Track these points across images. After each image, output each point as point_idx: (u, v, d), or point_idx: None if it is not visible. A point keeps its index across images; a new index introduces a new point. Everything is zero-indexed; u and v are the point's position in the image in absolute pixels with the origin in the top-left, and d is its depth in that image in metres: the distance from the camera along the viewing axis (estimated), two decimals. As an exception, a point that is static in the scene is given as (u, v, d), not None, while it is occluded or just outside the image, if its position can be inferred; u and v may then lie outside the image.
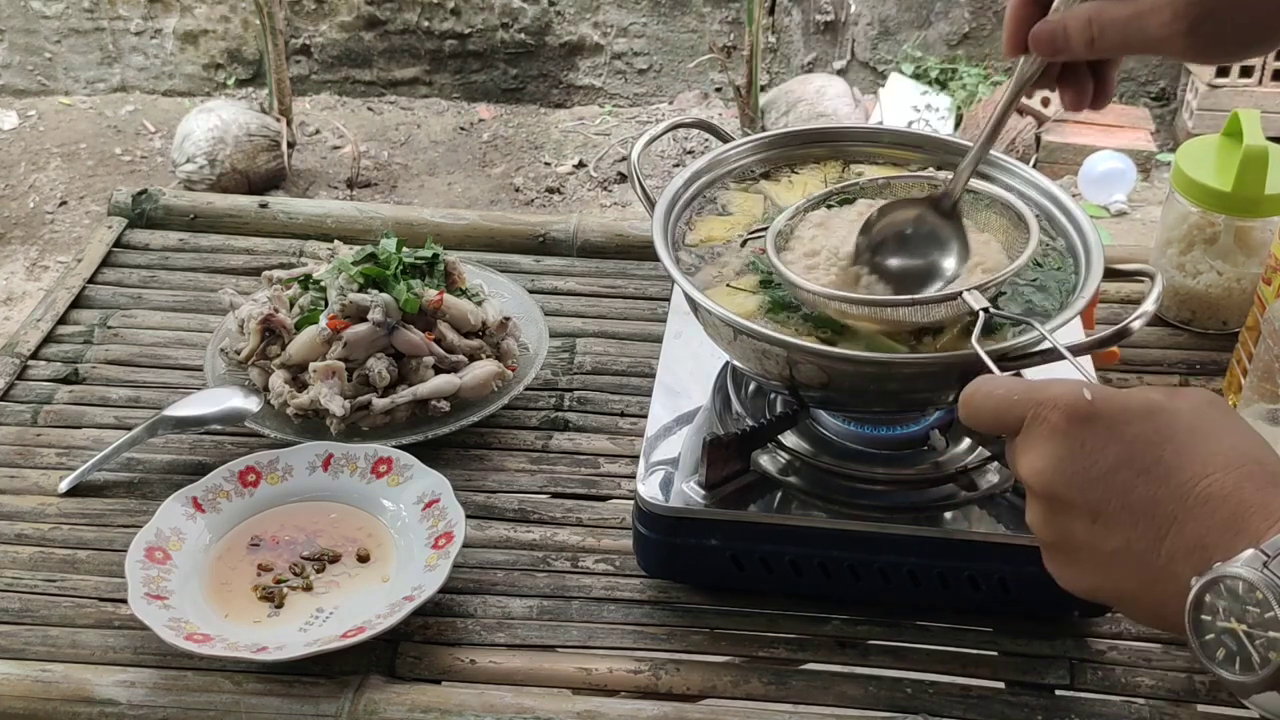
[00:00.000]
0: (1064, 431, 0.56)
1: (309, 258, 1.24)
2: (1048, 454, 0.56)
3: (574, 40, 3.63)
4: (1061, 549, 0.58)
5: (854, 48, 3.59)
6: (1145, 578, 0.54)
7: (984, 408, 0.60)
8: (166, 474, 0.99)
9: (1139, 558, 0.54)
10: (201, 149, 3.11)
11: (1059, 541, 0.58)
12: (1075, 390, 0.57)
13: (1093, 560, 0.56)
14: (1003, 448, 0.62)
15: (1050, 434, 0.56)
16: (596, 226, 1.27)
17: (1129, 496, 0.54)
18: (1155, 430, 0.55)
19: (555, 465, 1.00)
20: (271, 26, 3.12)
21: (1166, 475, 0.54)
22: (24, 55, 3.63)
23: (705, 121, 1.00)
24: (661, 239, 0.86)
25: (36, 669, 0.82)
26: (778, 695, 0.82)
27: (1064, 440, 0.56)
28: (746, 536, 0.85)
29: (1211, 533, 0.52)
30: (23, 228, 3.14)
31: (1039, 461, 0.57)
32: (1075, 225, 0.88)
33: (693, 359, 0.97)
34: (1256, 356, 0.93)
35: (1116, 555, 0.55)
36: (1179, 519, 0.53)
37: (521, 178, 3.35)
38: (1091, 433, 0.55)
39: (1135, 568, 0.55)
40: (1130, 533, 0.54)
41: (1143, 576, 0.55)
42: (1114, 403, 0.56)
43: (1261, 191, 1.06)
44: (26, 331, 1.13)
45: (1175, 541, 0.53)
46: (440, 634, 0.86)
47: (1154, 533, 0.54)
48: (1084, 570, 0.57)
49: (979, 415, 0.61)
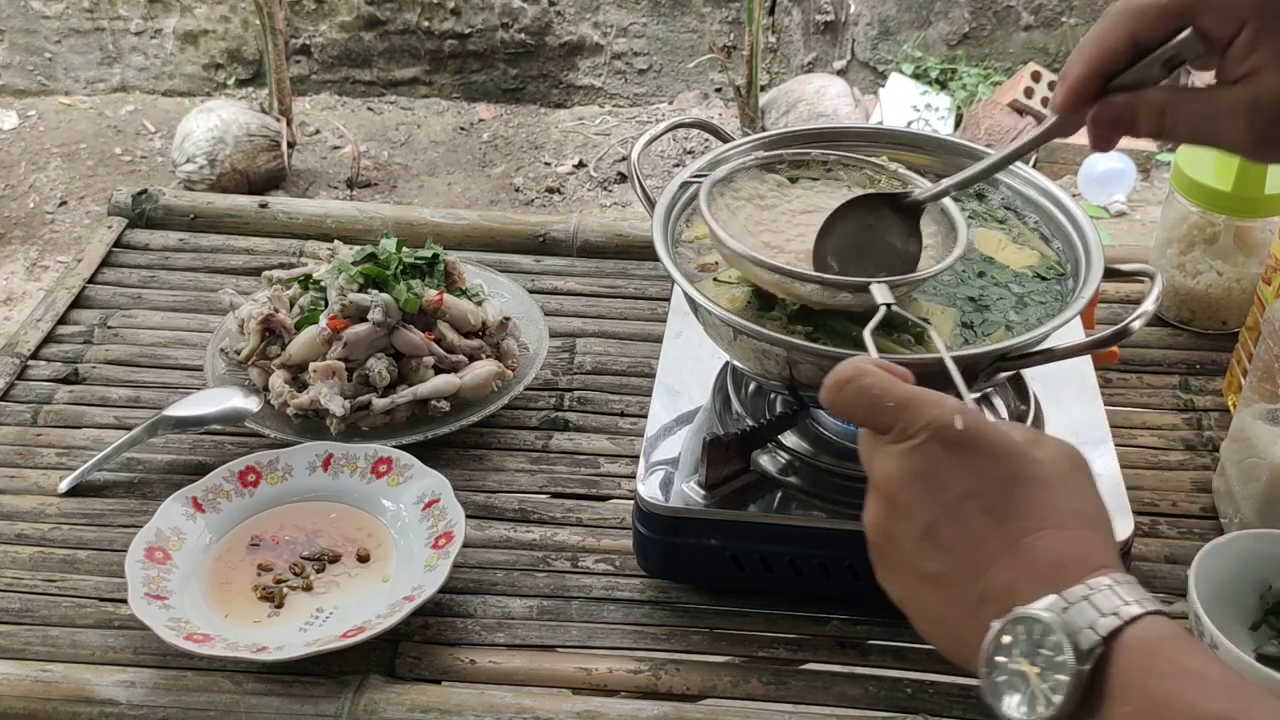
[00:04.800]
0: (926, 453, 0.56)
1: (309, 258, 1.24)
2: (904, 467, 0.57)
3: (574, 40, 3.63)
4: (885, 554, 0.58)
5: (854, 48, 3.59)
6: (953, 610, 0.55)
7: (855, 402, 0.59)
8: (166, 474, 0.99)
9: (954, 587, 0.55)
10: (201, 149, 3.11)
11: (886, 546, 0.58)
12: (949, 414, 0.57)
13: (911, 575, 0.57)
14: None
15: (913, 450, 0.57)
16: (596, 226, 1.27)
17: (965, 527, 0.55)
18: (1009, 475, 0.55)
19: (555, 465, 1.00)
20: (271, 26, 3.12)
21: (1004, 518, 0.54)
22: (24, 55, 3.63)
23: (705, 121, 1.00)
24: (661, 239, 0.86)
25: (36, 669, 0.82)
26: (778, 695, 0.82)
27: (924, 460, 0.56)
28: (746, 536, 0.85)
29: (1024, 579, 0.53)
30: (23, 228, 3.14)
31: (894, 470, 0.57)
32: (1075, 225, 0.89)
33: (693, 359, 0.97)
34: (1256, 356, 0.94)
35: (934, 578, 0.56)
36: (999, 562, 0.54)
37: (521, 178, 3.34)
38: (951, 460, 0.56)
39: (947, 596, 0.55)
40: (953, 562, 0.55)
41: (952, 608, 0.55)
42: (980, 437, 0.56)
43: (1261, 191, 1.06)
44: (26, 331, 1.13)
45: (990, 581, 0.54)
46: (440, 634, 0.86)
47: (974, 568, 0.54)
48: (899, 580, 0.58)
49: (847, 406, 0.60)
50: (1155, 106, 0.67)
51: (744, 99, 3.25)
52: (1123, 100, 0.68)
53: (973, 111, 3.31)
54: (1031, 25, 3.51)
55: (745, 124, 3.27)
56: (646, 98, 3.70)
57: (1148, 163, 3.25)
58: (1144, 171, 3.22)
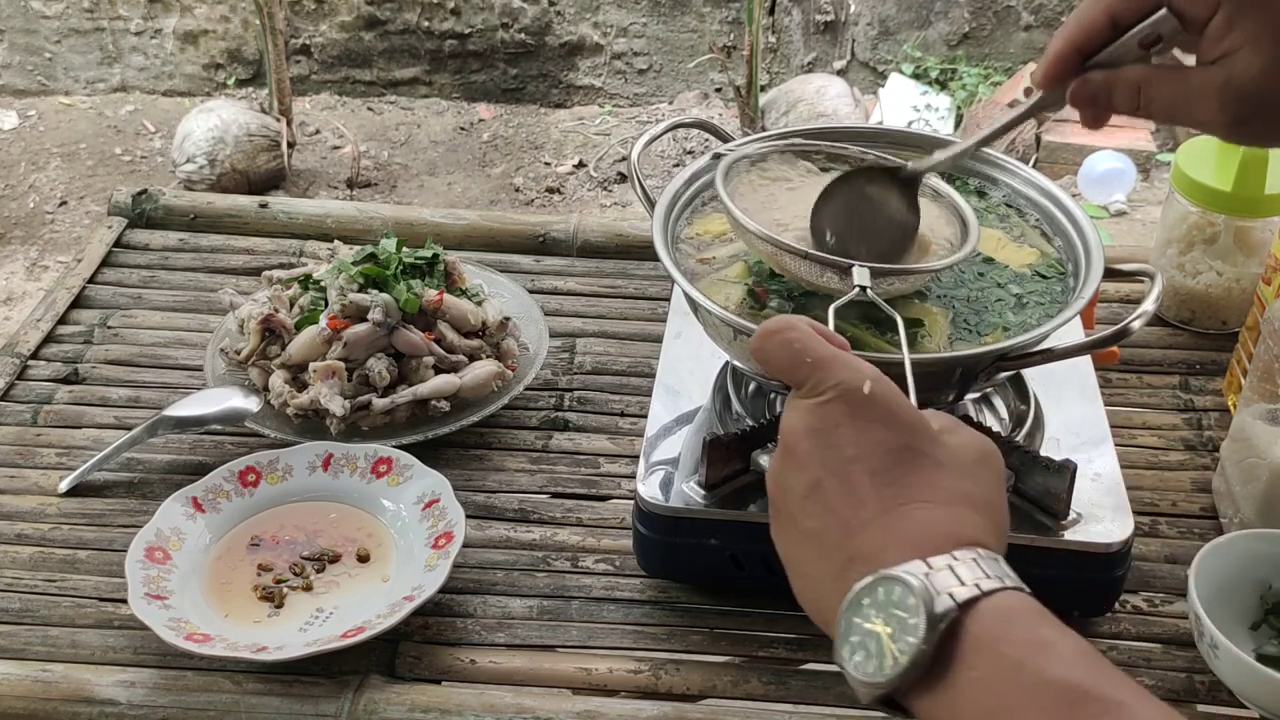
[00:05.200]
0: (829, 410, 0.57)
1: (309, 258, 1.24)
2: (807, 421, 0.57)
3: (574, 40, 3.63)
4: (778, 505, 0.59)
5: (854, 48, 3.59)
6: (821, 567, 0.56)
7: (777, 354, 0.60)
8: (166, 474, 0.99)
9: (826, 546, 0.55)
10: (201, 149, 3.11)
11: (779, 497, 0.59)
12: (858, 379, 0.57)
13: (793, 529, 0.57)
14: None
15: (817, 406, 0.57)
16: (596, 226, 1.27)
17: (848, 487, 0.55)
18: (904, 446, 0.56)
19: (555, 465, 1.00)
20: (271, 26, 3.12)
21: (886, 485, 0.55)
22: (24, 55, 3.63)
23: (705, 121, 1.00)
24: (661, 239, 0.86)
25: (36, 669, 0.82)
26: (778, 695, 0.82)
27: (825, 416, 0.57)
28: (746, 536, 0.85)
29: (893, 546, 0.53)
30: (23, 228, 3.14)
31: (798, 422, 0.58)
32: (1075, 225, 0.89)
33: (693, 359, 0.97)
34: (1256, 356, 0.94)
35: (811, 535, 0.56)
36: (872, 525, 0.54)
37: (521, 178, 3.35)
38: (852, 420, 0.56)
39: (818, 552, 0.56)
40: (830, 520, 0.55)
41: (820, 563, 0.56)
42: (886, 405, 0.57)
43: (1261, 191, 1.06)
44: (26, 331, 1.13)
45: (860, 544, 0.54)
46: (440, 634, 0.86)
47: (847, 529, 0.55)
48: (784, 534, 0.58)
49: (769, 357, 0.60)
50: (1131, 84, 0.69)
51: (744, 99, 3.25)
52: (1100, 77, 0.70)
53: (973, 111, 3.31)
54: (1031, 25, 3.51)
55: (745, 124, 3.27)
56: (646, 98, 3.70)
57: (1148, 163, 3.25)
58: (1144, 171, 3.22)
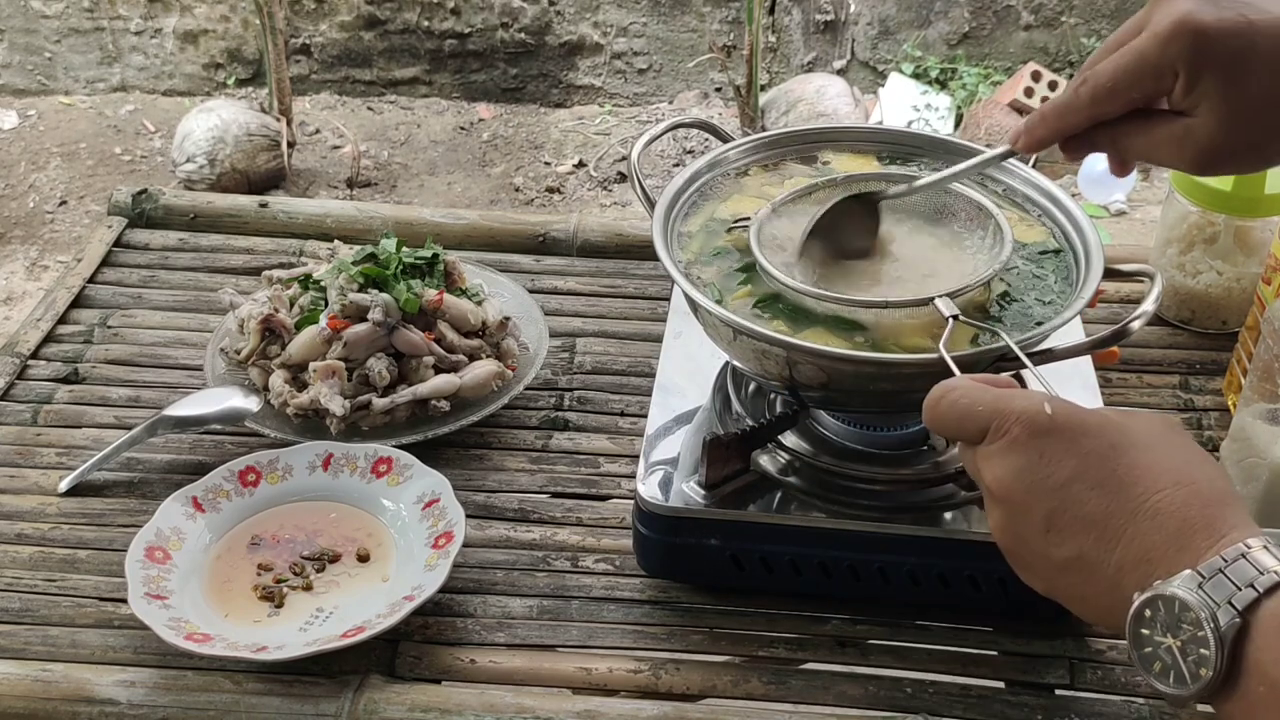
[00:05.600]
0: (1024, 444, 0.59)
1: (309, 258, 1.24)
2: (1008, 464, 0.59)
3: (574, 40, 3.63)
4: (1019, 553, 0.61)
5: (854, 47, 3.59)
6: (1095, 586, 0.57)
7: (949, 416, 0.63)
8: (166, 474, 0.99)
9: (1090, 567, 0.57)
10: (201, 149, 3.11)
11: (1016, 546, 0.61)
12: (1037, 404, 0.60)
13: (1046, 566, 0.59)
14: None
15: (1011, 445, 0.59)
16: (596, 226, 1.27)
17: (1082, 509, 0.57)
18: (1110, 445, 0.58)
19: (555, 465, 1.00)
20: (271, 26, 3.12)
21: (1118, 489, 0.57)
22: (24, 55, 3.63)
23: (705, 121, 1.00)
24: (661, 239, 0.86)
25: (36, 669, 0.82)
26: (778, 695, 0.82)
27: (1024, 452, 0.59)
28: (746, 536, 0.85)
29: (1157, 548, 0.55)
30: (23, 227, 3.14)
31: (1000, 470, 0.60)
32: (1075, 225, 0.89)
33: (693, 359, 0.97)
34: (1256, 356, 0.94)
35: (1069, 563, 0.58)
36: (1128, 532, 0.56)
37: (521, 177, 3.34)
38: (1049, 446, 0.58)
39: (1086, 576, 0.58)
40: (1083, 542, 0.57)
41: (1093, 585, 0.58)
42: (1072, 418, 0.59)
43: (1261, 191, 1.06)
44: (26, 331, 1.13)
45: (1124, 554, 0.56)
46: (440, 634, 0.86)
47: (1104, 544, 0.56)
48: (1038, 574, 0.60)
49: (943, 422, 0.64)
50: (1109, 134, 0.74)
51: (744, 99, 3.25)
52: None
53: (973, 111, 3.31)
54: (1031, 25, 3.51)
55: (745, 124, 3.27)
56: (646, 97, 3.70)
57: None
58: (1144, 171, 3.22)
